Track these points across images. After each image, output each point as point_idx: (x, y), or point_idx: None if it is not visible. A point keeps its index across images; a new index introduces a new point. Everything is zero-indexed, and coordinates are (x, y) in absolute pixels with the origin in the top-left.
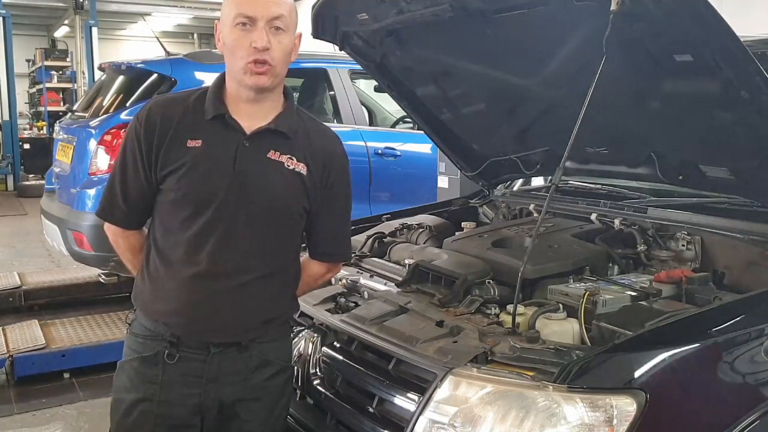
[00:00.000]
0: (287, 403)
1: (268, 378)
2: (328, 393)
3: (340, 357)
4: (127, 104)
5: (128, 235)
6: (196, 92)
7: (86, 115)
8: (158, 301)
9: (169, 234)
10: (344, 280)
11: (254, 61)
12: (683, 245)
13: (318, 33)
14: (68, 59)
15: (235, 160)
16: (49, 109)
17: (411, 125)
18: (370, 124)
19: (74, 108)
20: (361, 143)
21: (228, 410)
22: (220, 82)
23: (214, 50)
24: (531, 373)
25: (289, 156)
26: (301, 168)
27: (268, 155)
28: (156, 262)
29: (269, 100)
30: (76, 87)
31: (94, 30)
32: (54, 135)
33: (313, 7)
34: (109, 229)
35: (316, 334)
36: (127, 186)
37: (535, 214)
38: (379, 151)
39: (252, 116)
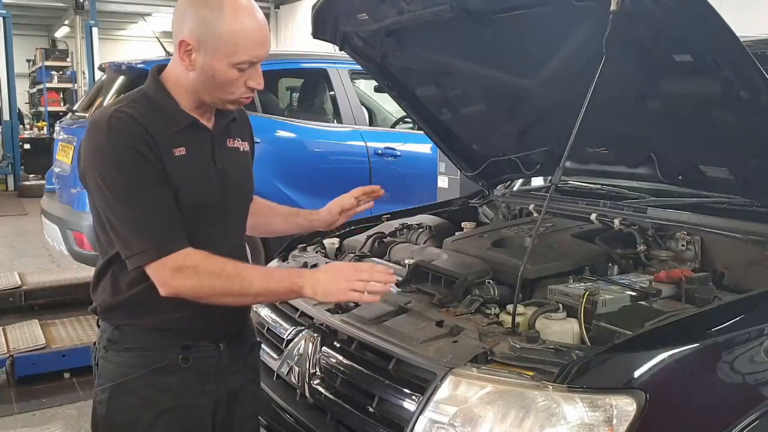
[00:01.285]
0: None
1: (257, 358)
2: (328, 393)
3: (340, 357)
4: None
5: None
6: (140, 101)
7: (87, 115)
8: (164, 311)
9: None
10: None
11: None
12: (683, 245)
13: (318, 33)
14: (68, 59)
15: (215, 159)
16: (50, 109)
17: (411, 125)
18: (370, 124)
19: (75, 108)
20: (361, 143)
21: (233, 398)
22: (164, 88)
23: None
24: (531, 373)
25: (237, 138)
26: (246, 146)
27: (228, 145)
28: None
29: None
30: (76, 87)
31: (95, 30)
32: (54, 135)
33: (313, 7)
34: (184, 256)
35: (316, 334)
36: (170, 204)
37: (535, 214)
38: (379, 151)
39: (206, 115)
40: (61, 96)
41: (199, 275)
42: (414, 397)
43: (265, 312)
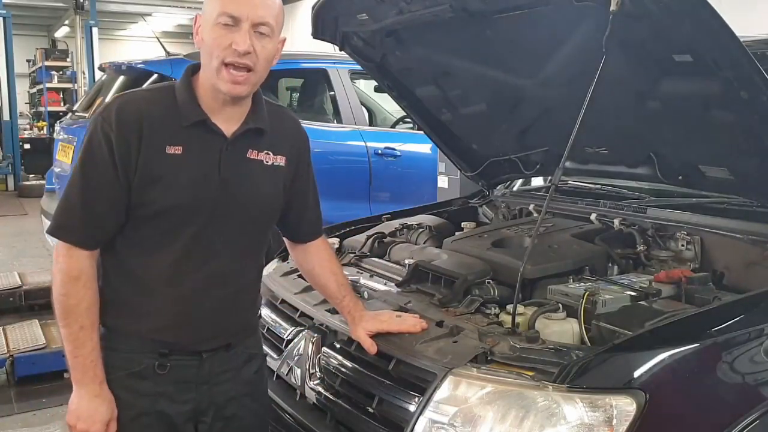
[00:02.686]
0: (267, 390)
1: (255, 371)
2: (328, 393)
3: (340, 357)
4: None
5: (92, 256)
6: (163, 91)
7: (87, 115)
8: (143, 319)
9: (149, 249)
10: None
11: (233, 65)
12: (683, 245)
13: (318, 33)
14: (68, 59)
15: (220, 167)
16: (50, 109)
17: (411, 125)
18: (370, 124)
19: (75, 108)
20: (361, 143)
21: (222, 411)
22: (190, 83)
23: None
24: (531, 373)
25: (266, 152)
26: (280, 160)
27: (247, 156)
28: (131, 280)
29: (243, 103)
30: (76, 87)
31: (95, 30)
32: (54, 135)
33: (313, 7)
34: (68, 255)
35: (316, 334)
36: (95, 199)
37: (535, 214)
38: (379, 151)
39: (229, 119)
40: (61, 96)
41: (59, 278)
42: (414, 398)
43: (265, 312)
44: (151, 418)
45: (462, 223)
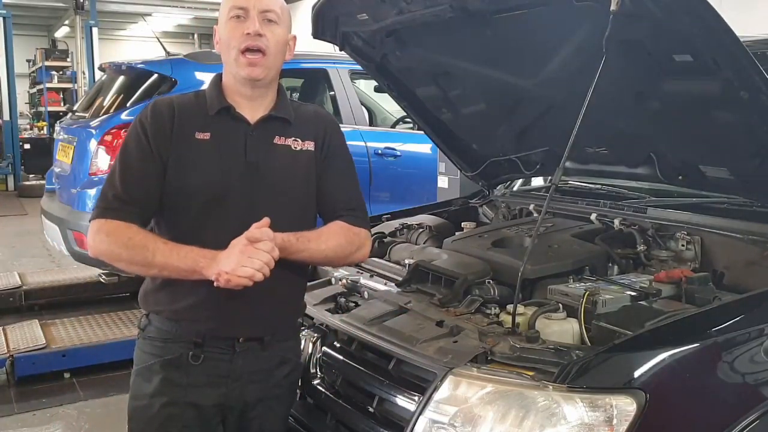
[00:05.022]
0: (295, 397)
1: (286, 376)
2: (328, 393)
3: (340, 357)
4: (128, 104)
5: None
6: (193, 92)
7: (87, 115)
8: (179, 299)
9: (184, 230)
10: (344, 280)
11: (247, 49)
12: (683, 245)
13: (318, 33)
14: (68, 59)
15: (246, 150)
16: (50, 109)
17: (411, 125)
18: (370, 124)
19: (75, 108)
20: (361, 143)
21: (249, 409)
22: (217, 81)
23: (213, 50)
24: (531, 373)
25: (293, 138)
26: (308, 145)
27: (274, 141)
28: None
29: (265, 96)
30: (76, 87)
31: (95, 30)
32: (54, 135)
33: (313, 7)
34: (104, 223)
35: (316, 334)
36: (133, 181)
37: (535, 214)
38: (379, 151)
39: (254, 110)
40: (61, 96)
41: (109, 240)
42: (414, 397)
43: None
44: (181, 407)
45: (462, 223)
